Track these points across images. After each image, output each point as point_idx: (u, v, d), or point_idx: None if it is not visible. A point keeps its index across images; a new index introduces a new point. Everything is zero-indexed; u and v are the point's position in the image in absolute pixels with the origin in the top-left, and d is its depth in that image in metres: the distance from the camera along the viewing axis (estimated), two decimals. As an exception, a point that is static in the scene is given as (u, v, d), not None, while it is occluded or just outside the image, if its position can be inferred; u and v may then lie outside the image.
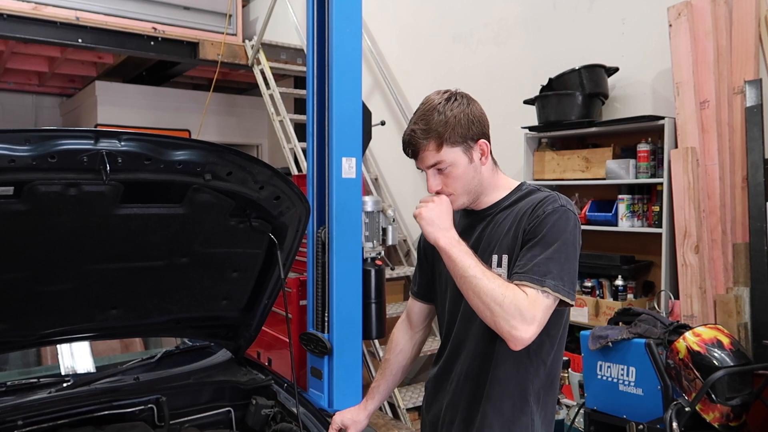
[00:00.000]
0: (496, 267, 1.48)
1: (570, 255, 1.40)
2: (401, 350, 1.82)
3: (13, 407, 1.80)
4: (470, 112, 1.49)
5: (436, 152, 1.47)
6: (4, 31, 4.75)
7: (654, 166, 3.20)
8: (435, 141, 1.46)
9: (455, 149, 1.47)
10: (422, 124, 1.47)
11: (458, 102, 1.49)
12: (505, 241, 1.49)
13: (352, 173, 3.07)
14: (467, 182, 1.50)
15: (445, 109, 1.47)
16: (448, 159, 1.47)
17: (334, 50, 2.97)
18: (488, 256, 1.50)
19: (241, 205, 1.78)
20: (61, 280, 1.76)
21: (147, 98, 6.65)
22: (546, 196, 1.48)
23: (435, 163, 1.48)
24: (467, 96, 1.53)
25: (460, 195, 1.52)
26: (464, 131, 1.47)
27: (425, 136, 1.46)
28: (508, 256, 1.47)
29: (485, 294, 1.34)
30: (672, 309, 2.99)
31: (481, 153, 1.50)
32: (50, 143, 1.37)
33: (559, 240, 1.38)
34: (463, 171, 1.48)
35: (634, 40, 3.51)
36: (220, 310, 2.13)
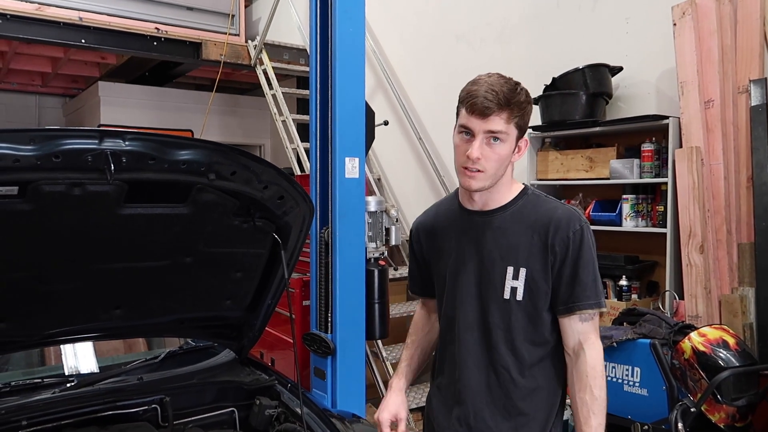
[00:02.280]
0: (512, 279, 1.48)
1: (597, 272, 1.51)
2: (428, 331, 1.81)
3: (17, 407, 1.80)
4: (531, 108, 1.51)
5: (505, 122, 1.43)
6: (8, 31, 4.76)
7: (658, 166, 3.19)
8: (510, 112, 1.43)
9: (515, 130, 1.46)
10: (507, 91, 1.43)
11: (526, 93, 1.49)
12: (522, 254, 1.48)
13: (355, 173, 3.07)
14: (500, 165, 1.48)
15: (522, 92, 1.46)
16: (505, 133, 1.44)
17: (337, 50, 2.97)
18: (501, 266, 1.50)
19: (245, 205, 1.78)
20: (64, 280, 1.76)
21: (150, 98, 6.66)
22: (563, 211, 1.49)
23: (496, 132, 1.44)
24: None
25: (488, 176, 1.48)
26: (526, 120, 1.49)
27: (505, 102, 1.42)
28: (527, 270, 1.47)
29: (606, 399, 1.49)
30: (677, 309, 2.98)
31: (519, 149, 1.52)
32: (55, 143, 1.37)
33: (592, 256, 1.48)
34: (507, 152, 1.47)
35: (638, 39, 3.50)
36: (224, 310, 2.13)
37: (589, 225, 1.51)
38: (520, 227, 1.50)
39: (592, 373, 1.45)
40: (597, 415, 1.44)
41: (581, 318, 1.47)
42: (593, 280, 1.47)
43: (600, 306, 1.47)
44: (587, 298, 1.45)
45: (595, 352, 1.47)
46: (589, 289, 1.45)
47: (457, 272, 1.58)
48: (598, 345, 1.49)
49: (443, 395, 1.65)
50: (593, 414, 1.44)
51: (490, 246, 1.53)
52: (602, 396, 1.45)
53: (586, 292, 1.45)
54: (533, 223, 1.49)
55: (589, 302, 1.46)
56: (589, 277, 1.45)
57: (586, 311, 1.46)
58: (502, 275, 1.49)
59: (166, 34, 5.41)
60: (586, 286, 1.45)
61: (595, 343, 1.48)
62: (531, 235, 1.48)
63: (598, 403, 1.44)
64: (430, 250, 1.69)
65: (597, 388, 1.44)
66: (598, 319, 1.50)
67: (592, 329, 1.48)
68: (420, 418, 3.92)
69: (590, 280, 1.46)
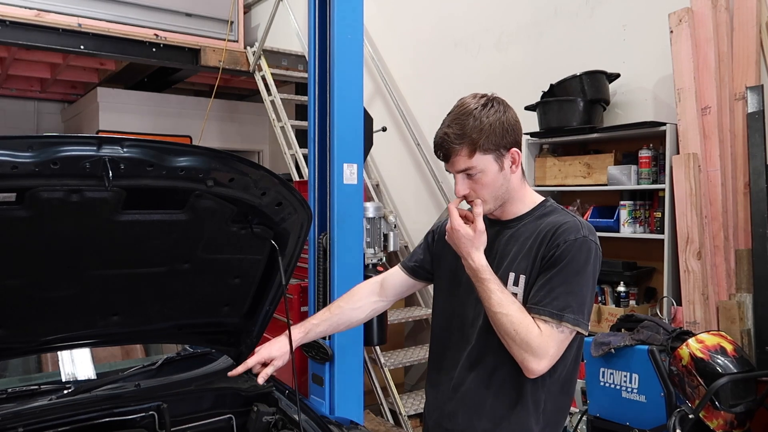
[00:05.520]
0: (512, 285, 1.47)
1: (589, 286, 1.41)
2: (360, 308, 1.78)
3: (13, 414, 1.79)
4: (506, 119, 1.46)
5: (468, 158, 1.43)
6: (7, 37, 4.77)
7: (656, 172, 3.20)
8: (468, 147, 1.43)
9: (487, 156, 1.44)
10: (456, 128, 1.44)
11: (494, 108, 1.46)
12: (523, 261, 1.48)
13: (354, 179, 3.07)
14: (495, 189, 1.48)
15: (481, 114, 1.43)
16: (479, 166, 1.44)
17: (335, 56, 2.98)
18: (505, 272, 1.49)
19: (243, 212, 1.77)
20: (62, 287, 1.75)
21: (148, 104, 6.67)
22: (568, 222, 1.45)
23: (465, 169, 1.45)
24: (504, 102, 1.50)
25: (487, 202, 1.49)
26: (498, 139, 1.44)
27: (459, 141, 1.43)
28: (525, 277, 1.46)
29: (500, 325, 1.40)
30: (674, 315, 2.98)
31: (512, 161, 1.48)
32: (53, 149, 1.37)
33: (580, 272, 1.38)
34: (492, 178, 1.46)
35: (636, 46, 3.52)
36: (222, 317, 2.12)
37: (594, 243, 1.42)
38: (529, 237, 1.49)
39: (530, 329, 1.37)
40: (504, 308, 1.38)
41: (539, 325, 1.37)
42: (567, 292, 1.36)
43: (562, 321, 1.34)
44: (549, 305, 1.36)
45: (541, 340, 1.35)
46: (559, 298, 1.35)
47: (461, 276, 1.58)
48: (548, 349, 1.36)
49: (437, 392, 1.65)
50: (510, 305, 1.39)
51: (500, 253, 1.53)
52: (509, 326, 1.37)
53: (549, 298, 1.36)
54: (539, 232, 1.47)
55: (548, 311, 1.35)
56: (563, 286, 1.36)
57: (542, 319, 1.36)
58: (505, 281, 1.48)
59: (165, 40, 5.42)
60: (556, 294, 1.36)
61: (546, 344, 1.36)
62: (533, 243, 1.47)
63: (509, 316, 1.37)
64: (441, 248, 1.68)
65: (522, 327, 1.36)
66: (559, 333, 1.36)
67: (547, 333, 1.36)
68: (419, 424, 3.91)
69: (563, 290, 1.36)
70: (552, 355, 1.38)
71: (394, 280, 1.80)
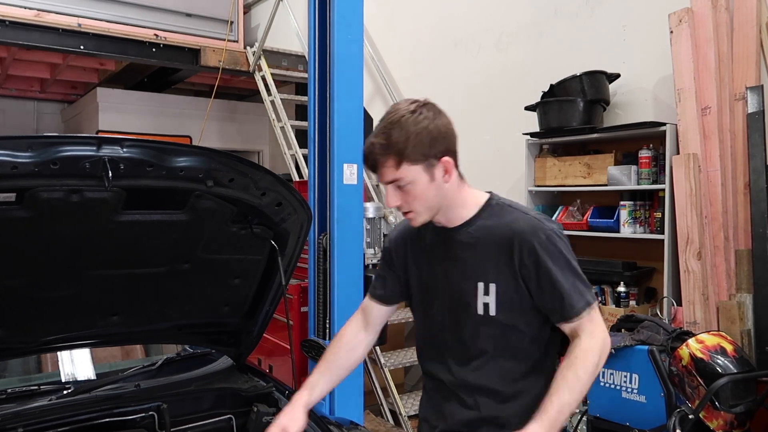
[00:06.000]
0: (483, 295, 1.44)
1: (576, 263, 1.44)
2: (353, 348, 1.72)
3: (13, 414, 1.79)
4: (434, 127, 1.39)
5: (395, 169, 1.39)
6: (7, 37, 4.77)
7: (656, 173, 3.20)
8: (394, 158, 1.38)
9: (415, 167, 1.38)
10: (382, 138, 1.39)
11: (423, 116, 1.39)
12: (491, 269, 1.44)
13: (354, 179, 3.07)
14: (428, 200, 1.43)
15: (408, 123, 1.37)
16: (408, 177, 1.39)
17: (335, 57, 2.98)
18: (471, 283, 1.46)
19: (243, 212, 1.77)
20: (62, 287, 1.76)
21: (148, 105, 6.67)
22: (526, 222, 1.43)
23: (393, 180, 1.41)
24: (435, 109, 1.43)
25: (420, 213, 1.45)
26: (425, 149, 1.38)
27: (384, 152, 1.38)
28: (497, 285, 1.43)
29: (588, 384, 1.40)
30: (674, 316, 2.98)
31: (445, 171, 1.42)
32: (53, 150, 1.37)
33: (566, 260, 1.41)
34: (423, 189, 1.41)
35: (636, 46, 3.52)
36: (222, 317, 2.12)
37: (556, 228, 1.44)
38: (486, 242, 1.45)
39: (583, 355, 1.38)
40: (572, 392, 1.36)
41: (578, 323, 1.41)
42: (573, 284, 1.40)
43: (589, 304, 1.40)
44: (575, 304, 1.40)
45: (592, 339, 1.40)
46: (574, 295, 1.40)
47: (431, 289, 1.57)
48: (597, 333, 1.41)
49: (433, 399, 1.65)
50: (568, 390, 1.36)
51: (459, 262, 1.49)
52: (585, 379, 1.37)
53: (572, 301, 1.39)
54: (498, 238, 1.44)
55: (577, 308, 1.40)
56: (568, 282, 1.40)
57: (579, 317, 1.40)
58: (474, 291, 1.46)
59: (165, 40, 5.42)
60: (570, 295, 1.39)
61: (593, 332, 1.40)
62: (497, 250, 1.43)
63: (579, 384, 1.37)
64: (404, 264, 1.64)
65: (582, 370, 1.37)
66: (594, 311, 1.42)
67: (588, 322, 1.40)
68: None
69: (570, 285, 1.40)
70: (603, 329, 1.43)
71: (375, 312, 1.73)
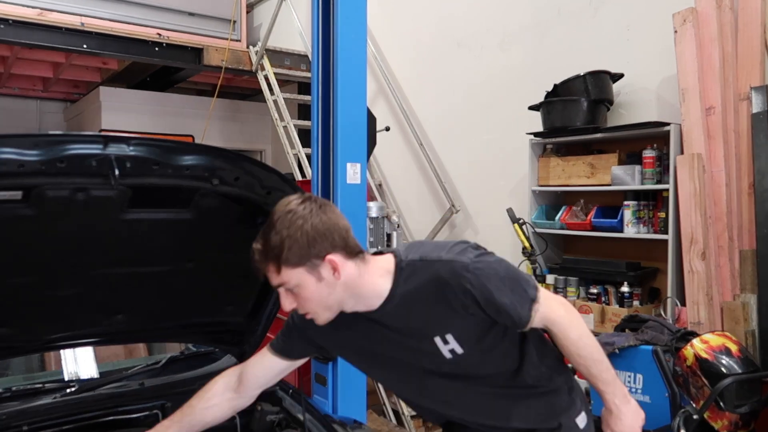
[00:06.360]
0: (443, 345, 1.41)
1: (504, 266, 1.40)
2: (213, 406, 1.65)
3: (18, 412, 1.79)
4: (311, 227, 1.32)
5: (276, 274, 1.34)
6: (10, 36, 4.77)
7: (660, 173, 3.19)
8: (272, 264, 1.34)
9: (297, 270, 1.33)
10: (260, 243, 1.35)
11: (299, 216, 1.32)
12: (438, 324, 1.40)
13: (357, 179, 3.06)
14: (321, 300, 1.38)
15: (283, 226, 1.31)
16: (292, 281, 1.34)
17: (339, 56, 2.97)
18: (427, 343, 1.42)
19: (248, 210, 1.77)
20: (67, 285, 1.76)
21: (151, 104, 6.66)
22: (447, 271, 1.36)
23: (279, 284, 1.37)
24: (316, 205, 1.36)
25: (319, 313, 1.41)
26: (303, 251, 1.31)
27: (262, 258, 1.35)
28: (452, 332, 1.40)
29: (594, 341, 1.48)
30: (678, 316, 2.98)
31: (333, 269, 1.35)
32: (59, 148, 1.37)
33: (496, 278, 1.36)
34: (312, 291, 1.36)
35: (639, 46, 3.51)
36: (226, 316, 2.12)
37: (472, 256, 1.37)
38: (417, 305, 1.40)
39: (566, 342, 1.43)
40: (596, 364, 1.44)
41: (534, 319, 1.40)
42: (512, 294, 1.36)
43: (533, 300, 1.38)
44: (521, 314, 1.38)
45: (559, 319, 1.42)
46: (517, 305, 1.37)
47: (394, 371, 1.54)
48: (556, 310, 1.42)
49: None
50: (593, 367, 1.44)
51: (403, 336, 1.45)
52: (588, 351, 1.43)
53: (518, 311, 1.37)
54: (428, 297, 1.38)
55: (524, 315, 1.38)
56: (508, 297, 1.36)
57: (531, 318, 1.39)
58: (433, 348, 1.42)
59: (168, 39, 5.41)
60: (515, 307, 1.37)
61: (554, 312, 1.42)
62: (434, 307, 1.38)
63: (591, 358, 1.44)
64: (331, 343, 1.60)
65: (582, 349, 1.43)
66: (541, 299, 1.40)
67: (542, 310, 1.40)
68: (421, 425, 3.91)
69: (510, 299, 1.36)
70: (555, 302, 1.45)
71: (258, 370, 1.66)
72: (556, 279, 3.54)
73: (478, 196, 4.53)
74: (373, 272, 1.42)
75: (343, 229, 1.38)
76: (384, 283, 1.41)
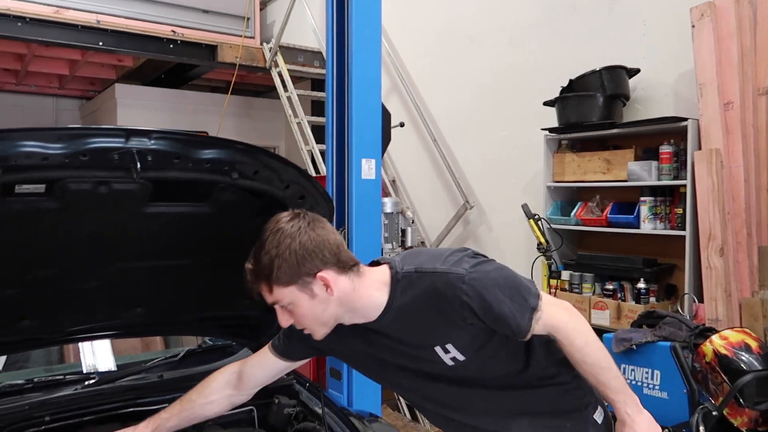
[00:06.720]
0: (444, 354, 1.40)
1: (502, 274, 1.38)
2: (212, 402, 1.67)
3: (40, 403, 1.82)
4: (299, 245, 1.32)
5: (269, 294, 1.36)
6: (27, 34, 4.83)
7: (677, 168, 3.17)
8: (264, 283, 1.35)
9: (289, 288, 1.34)
10: (252, 263, 1.37)
11: (287, 234, 1.33)
12: (438, 334, 1.39)
13: (372, 174, 3.07)
14: (316, 317, 1.39)
15: (272, 246, 1.32)
16: (285, 299, 1.36)
17: (354, 51, 2.97)
18: (428, 352, 1.41)
19: (267, 204, 1.78)
20: (88, 278, 1.78)
21: (165, 101, 6.71)
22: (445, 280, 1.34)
23: (275, 303, 1.38)
24: (305, 222, 1.36)
25: (316, 329, 1.42)
26: (293, 270, 1.32)
27: (254, 279, 1.37)
28: (452, 341, 1.39)
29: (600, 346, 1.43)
30: (696, 312, 2.95)
31: (325, 286, 1.35)
32: (82, 141, 1.38)
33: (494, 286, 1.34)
34: (306, 308, 1.37)
35: (656, 41, 3.48)
36: (243, 310, 2.13)
37: (468, 266, 1.35)
38: (415, 316, 1.39)
39: (571, 349, 1.38)
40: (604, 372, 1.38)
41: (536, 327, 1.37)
42: (511, 303, 1.33)
43: (534, 309, 1.34)
44: (521, 324, 1.34)
45: (562, 325, 1.37)
46: (517, 314, 1.33)
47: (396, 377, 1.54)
48: (559, 317, 1.38)
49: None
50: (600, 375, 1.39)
51: (403, 345, 1.45)
52: (595, 358, 1.38)
53: (517, 321, 1.34)
54: (426, 309, 1.37)
55: (525, 324, 1.34)
56: (507, 306, 1.33)
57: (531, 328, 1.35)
58: (434, 357, 1.41)
59: (182, 36, 5.45)
60: (514, 317, 1.33)
61: (557, 319, 1.37)
62: (431, 319, 1.37)
63: (599, 366, 1.38)
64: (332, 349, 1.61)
65: (588, 356, 1.38)
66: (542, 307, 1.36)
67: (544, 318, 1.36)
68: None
69: (509, 308, 1.33)
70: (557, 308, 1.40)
71: (257, 369, 1.68)
72: (571, 275, 3.52)
73: (492, 192, 4.52)
74: (369, 285, 1.41)
75: (334, 244, 1.38)
76: (380, 296, 1.40)
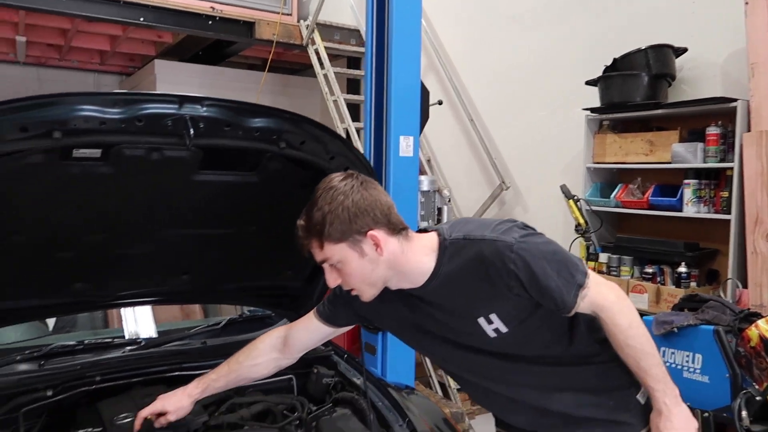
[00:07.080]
0: (488, 325, 1.40)
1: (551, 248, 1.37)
2: (259, 364, 1.70)
3: (91, 363, 1.89)
4: (351, 203, 1.34)
5: (319, 250, 1.37)
6: (71, 9, 4.91)
7: (723, 151, 3.08)
8: (315, 239, 1.36)
9: (339, 245, 1.35)
10: (304, 219, 1.39)
11: (340, 192, 1.35)
12: (482, 303, 1.40)
13: (410, 152, 3.07)
14: (366, 276, 1.40)
15: (324, 202, 1.35)
16: (335, 256, 1.37)
17: (393, 30, 2.96)
18: (470, 323, 1.42)
19: (312, 175, 1.79)
20: (138, 244, 1.83)
21: (203, 77, 6.77)
22: (492, 247, 1.34)
23: (323, 260, 1.39)
24: (358, 182, 1.38)
25: (364, 290, 1.43)
26: (345, 226, 1.34)
27: (306, 234, 1.38)
28: (496, 312, 1.39)
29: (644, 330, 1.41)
30: (739, 298, 2.89)
31: (375, 245, 1.36)
32: (137, 107, 1.41)
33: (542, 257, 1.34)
34: (355, 266, 1.38)
35: (705, 19, 3.37)
36: (285, 280, 2.17)
37: (517, 236, 1.35)
38: (461, 284, 1.39)
39: (615, 330, 1.37)
40: (646, 357, 1.37)
41: (581, 305, 1.37)
42: (558, 277, 1.33)
43: (580, 286, 1.34)
44: (566, 299, 1.34)
45: (608, 304, 1.36)
46: (564, 288, 1.33)
47: (438, 347, 1.54)
48: (605, 294, 1.37)
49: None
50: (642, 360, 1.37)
51: (447, 314, 1.45)
52: (639, 341, 1.37)
53: (563, 296, 1.34)
54: (472, 276, 1.38)
55: (570, 300, 1.34)
56: (554, 280, 1.33)
57: (575, 305, 1.35)
58: (477, 328, 1.42)
59: (221, 13, 5.48)
60: (560, 291, 1.33)
61: (603, 298, 1.37)
62: (477, 286, 1.38)
63: (642, 350, 1.37)
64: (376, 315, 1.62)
65: (631, 339, 1.36)
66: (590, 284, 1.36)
67: (590, 295, 1.36)
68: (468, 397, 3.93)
69: (556, 282, 1.33)
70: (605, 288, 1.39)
71: (303, 334, 1.70)
72: (609, 258, 3.47)
73: (529, 173, 4.47)
74: (417, 250, 1.42)
75: (385, 205, 1.39)
76: (428, 261, 1.41)
